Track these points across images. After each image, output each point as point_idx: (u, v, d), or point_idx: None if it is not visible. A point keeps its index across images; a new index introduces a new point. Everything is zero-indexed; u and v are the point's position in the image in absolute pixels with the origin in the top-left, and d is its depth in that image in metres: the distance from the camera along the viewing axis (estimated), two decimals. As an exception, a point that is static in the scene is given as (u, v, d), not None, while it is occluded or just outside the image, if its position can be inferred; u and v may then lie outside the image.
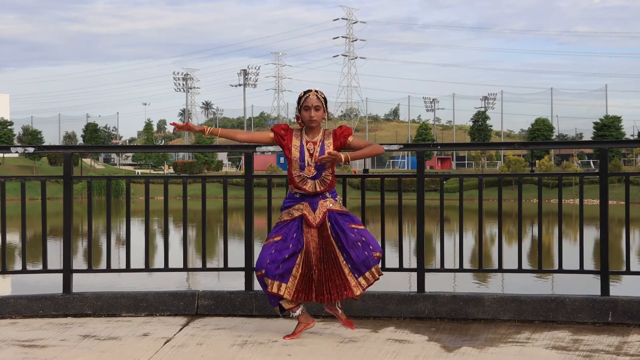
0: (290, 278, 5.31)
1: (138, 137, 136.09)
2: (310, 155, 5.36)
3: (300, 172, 5.36)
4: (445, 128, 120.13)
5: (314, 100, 5.35)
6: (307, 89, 5.43)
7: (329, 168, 5.39)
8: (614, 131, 68.16)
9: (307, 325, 5.45)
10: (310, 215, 5.37)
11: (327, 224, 5.36)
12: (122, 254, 6.63)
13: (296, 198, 5.43)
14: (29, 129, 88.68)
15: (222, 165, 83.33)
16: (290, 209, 5.43)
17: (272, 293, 5.32)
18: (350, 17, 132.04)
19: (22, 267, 6.55)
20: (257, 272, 5.36)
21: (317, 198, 5.39)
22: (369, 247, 5.32)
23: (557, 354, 4.96)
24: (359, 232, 5.36)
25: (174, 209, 9.15)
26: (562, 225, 6.33)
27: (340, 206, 5.44)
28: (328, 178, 5.40)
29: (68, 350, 5.08)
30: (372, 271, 5.33)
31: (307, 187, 5.36)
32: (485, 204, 6.56)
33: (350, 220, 5.39)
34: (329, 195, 5.42)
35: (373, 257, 5.32)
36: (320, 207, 5.38)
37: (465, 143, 19.82)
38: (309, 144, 5.38)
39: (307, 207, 5.39)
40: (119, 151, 7.55)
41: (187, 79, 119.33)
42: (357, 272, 5.31)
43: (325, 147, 5.38)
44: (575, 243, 8.23)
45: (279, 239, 5.36)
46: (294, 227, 5.38)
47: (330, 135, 5.44)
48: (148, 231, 6.63)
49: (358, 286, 5.32)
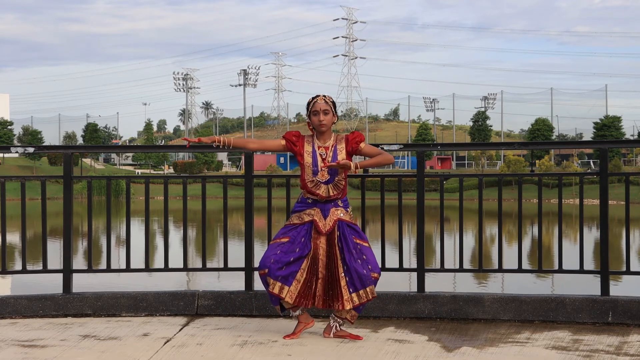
0: (294, 282, 5.31)
1: (138, 137, 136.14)
2: (323, 160, 5.36)
3: (313, 177, 5.36)
4: (445, 128, 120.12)
5: (322, 105, 5.36)
6: (315, 95, 5.43)
7: (342, 173, 5.39)
8: (614, 131, 68.20)
9: (306, 325, 5.44)
10: (320, 222, 5.36)
11: (335, 233, 5.36)
12: (122, 254, 6.63)
13: (308, 203, 5.41)
14: (29, 129, 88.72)
15: (222, 165, 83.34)
16: (301, 213, 5.42)
17: (274, 294, 5.32)
18: (350, 17, 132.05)
19: (22, 267, 6.55)
20: (260, 271, 5.36)
21: (329, 205, 5.38)
22: (368, 266, 5.32)
23: (557, 354, 4.96)
24: (361, 249, 5.35)
25: (174, 209, 9.15)
26: (562, 225, 6.33)
27: (350, 218, 5.43)
28: (341, 183, 5.40)
29: (68, 350, 5.08)
30: (366, 290, 5.30)
31: (320, 191, 5.35)
32: (485, 204, 6.56)
33: (357, 235, 5.38)
34: (341, 204, 5.41)
35: (370, 277, 5.31)
36: (332, 215, 5.37)
37: (465, 143, 19.82)
38: (321, 149, 5.38)
39: (318, 213, 5.38)
40: (119, 151, 7.55)
41: (187, 79, 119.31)
42: (352, 287, 5.29)
43: (338, 151, 5.38)
44: (575, 243, 8.24)
45: (285, 241, 5.36)
46: (302, 231, 5.37)
47: (342, 140, 5.44)
48: (148, 231, 6.63)
49: (349, 301, 5.29)
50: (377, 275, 5.34)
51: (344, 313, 5.37)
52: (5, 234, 6.43)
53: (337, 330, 5.41)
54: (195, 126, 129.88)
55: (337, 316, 5.41)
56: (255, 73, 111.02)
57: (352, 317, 5.40)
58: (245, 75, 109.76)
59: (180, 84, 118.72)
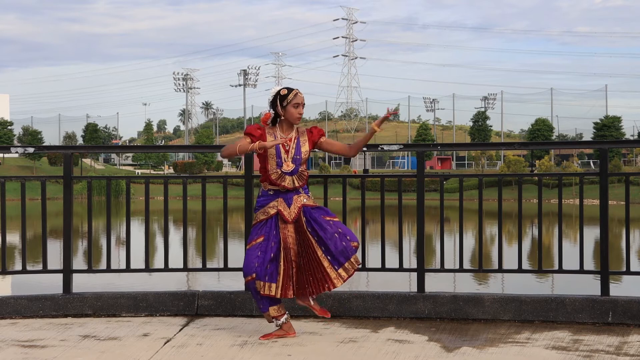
0: (277, 277, 5.33)
1: (138, 137, 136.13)
2: (286, 151, 5.37)
3: (277, 169, 5.36)
4: (445, 128, 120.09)
5: (303, 98, 5.40)
6: (286, 87, 5.42)
7: (304, 163, 5.42)
8: (614, 131, 68.22)
9: (287, 334, 5.41)
10: (285, 211, 5.38)
11: (302, 219, 5.37)
12: (122, 254, 6.63)
13: (270, 195, 5.43)
14: (29, 129, 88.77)
15: (222, 165, 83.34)
16: (265, 208, 5.43)
17: (265, 295, 5.31)
18: (351, 17, 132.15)
19: (22, 267, 6.54)
20: (247, 277, 5.34)
21: (292, 194, 5.41)
22: (346, 237, 5.33)
23: (557, 354, 4.96)
24: (334, 224, 5.37)
25: (174, 209, 9.15)
26: (562, 225, 6.33)
27: (313, 201, 5.47)
28: (304, 173, 5.43)
29: (68, 351, 5.08)
30: (351, 261, 5.33)
31: (285, 183, 5.36)
32: (485, 204, 6.56)
33: (324, 213, 5.40)
34: (302, 191, 5.45)
35: (351, 247, 5.33)
36: (295, 202, 5.40)
37: (465, 143, 19.83)
38: (284, 140, 5.37)
39: (281, 203, 5.40)
40: (119, 151, 7.55)
41: (187, 79, 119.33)
42: (337, 264, 5.31)
43: (301, 143, 5.41)
44: (575, 243, 8.24)
45: (261, 240, 5.37)
46: (272, 224, 5.39)
47: (304, 133, 5.48)
48: (148, 231, 6.63)
49: (339, 278, 5.32)
50: (356, 244, 5.36)
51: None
52: (5, 234, 6.43)
53: (310, 301, 5.41)
54: (195, 126, 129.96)
55: None
56: (255, 73, 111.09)
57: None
58: (245, 75, 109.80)
59: (180, 84, 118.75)
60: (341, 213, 6.30)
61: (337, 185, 5.96)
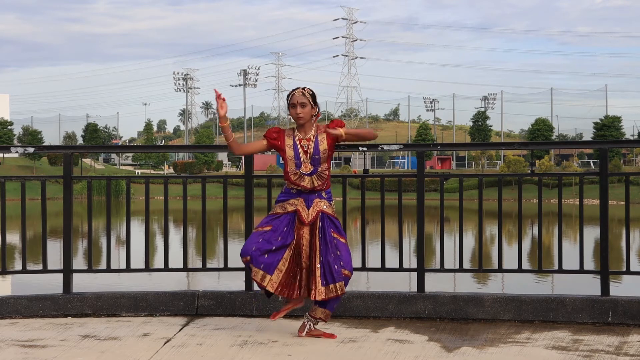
0: (275, 271, 5.33)
1: (138, 137, 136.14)
2: (305, 152, 5.38)
3: (296, 170, 5.38)
4: (445, 128, 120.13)
5: (298, 98, 5.38)
6: (295, 87, 5.46)
7: (325, 162, 5.41)
8: (614, 131, 68.20)
9: (295, 305, 5.46)
10: (303, 212, 5.39)
11: (317, 223, 5.38)
12: (122, 254, 6.63)
13: (292, 193, 5.45)
14: (29, 129, 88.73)
15: (222, 165, 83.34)
16: (284, 203, 5.44)
17: (259, 285, 5.35)
18: (351, 17, 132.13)
19: (22, 267, 6.54)
20: (243, 258, 5.38)
21: (313, 196, 5.42)
22: (340, 262, 5.33)
23: (557, 354, 4.96)
24: (337, 244, 5.37)
25: (174, 209, 9.15)
26: (562, 225, 6.33)
27: (332, 211, 5.46)
28: (325, 173, 5.42)
29: (68, 351, 5.08)
30: (336, 286, 5.31)
31: (304, 183, 5.39)
32: (485, 204, 6.56)
33: (335, 230, 5.40)
34: (325, 196, 5.44)
35: (341, 273, 5.32)
36: (315, 206, 5.40)
37: (465, 143, 19.83)
38: (303, 141, 5.40)
39: (301, 203, 5.41)
40: (119, 151, 7.55)
41: (187, 79, 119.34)
42: (324, 280, 5.31)
43: (319, 141, 5.41)
44: (575, 243, 8.24)
45: (268, 229, 5.38)
46: (285, 220, 5.40)
47: (324, 130, 5.47)
48: (148, 231, 6.63)
49: (320, 293, 5.30)
50: (348, 273, 5.35)
51: (318, 312, 5.39)
52: (5, 234, 6.43)
53: (310, 330, 5.41)
54: (195, 126, 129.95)
55: (312, 315, 5.42)
56: (255, 73, 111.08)
57: (326, 316, 5.41)
58: (245, 75, 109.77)
59: (181, 84, 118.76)
60: (341, 213, 6.30)
61: (337, 185, 5.99)
